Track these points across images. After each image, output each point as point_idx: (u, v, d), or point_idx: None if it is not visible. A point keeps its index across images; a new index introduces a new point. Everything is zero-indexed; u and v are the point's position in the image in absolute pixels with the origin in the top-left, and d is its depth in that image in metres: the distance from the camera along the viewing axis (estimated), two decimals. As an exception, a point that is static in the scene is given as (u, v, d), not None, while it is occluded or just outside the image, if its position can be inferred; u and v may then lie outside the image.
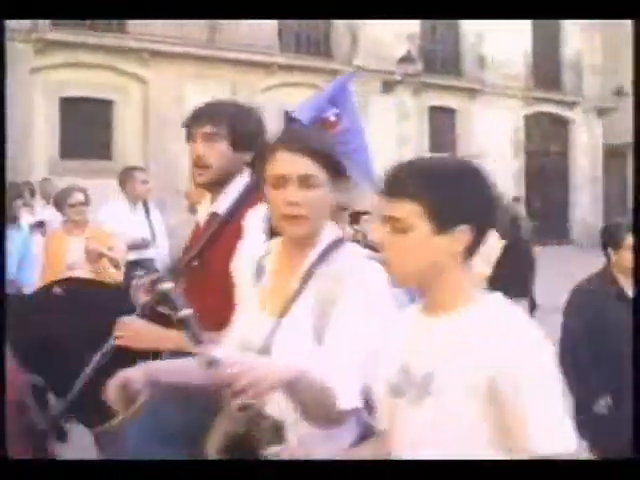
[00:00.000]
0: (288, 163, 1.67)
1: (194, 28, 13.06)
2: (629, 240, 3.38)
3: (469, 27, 17.70)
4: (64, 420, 2.87)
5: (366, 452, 2.14)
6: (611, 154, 21.62)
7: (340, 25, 15.61)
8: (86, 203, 4.77)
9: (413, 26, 16.71)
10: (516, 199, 15.52)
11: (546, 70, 19.42)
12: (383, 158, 12.17)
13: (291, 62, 14.95)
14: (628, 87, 19.97)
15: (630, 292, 3.41)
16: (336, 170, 1.76)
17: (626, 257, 3.35)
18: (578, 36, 19.97)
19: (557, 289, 11.11)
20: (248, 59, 14.31)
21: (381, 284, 1.70)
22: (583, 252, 16.29)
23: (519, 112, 18.92)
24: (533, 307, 5.49)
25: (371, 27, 15.94)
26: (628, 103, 19.94)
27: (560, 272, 13.74)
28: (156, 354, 2.38)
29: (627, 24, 18.19)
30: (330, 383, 1.66)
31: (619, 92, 20.03)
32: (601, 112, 20.54)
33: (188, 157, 2.27)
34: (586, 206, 19.93)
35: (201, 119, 2.21)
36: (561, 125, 20.25)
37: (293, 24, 15.25)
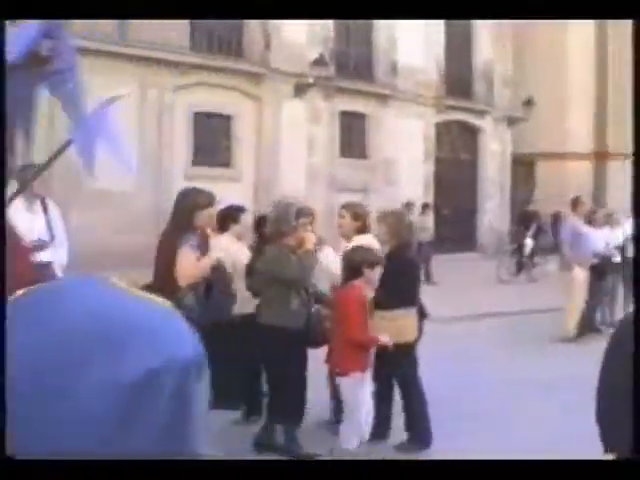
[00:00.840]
0: None
1: (105, 24, 14.33)
2: None
3: (383, 32, 19.25)
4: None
5: None
6: (519, 163, 24.03)
7: (253, 26, 16.65)
8: None
9: (327, 29, 18.12)
10: (425, 206, 17.57)
11: (458, 79, 21.29)
12: (293, 161, 14.81)
13: (203, 62, 15.90)
14: (537, 97, 22.90)
15: None
16: None
17: None
18: (490, 46, 22.02)
19: (458, 298, 13.27)
20: (159, 57, 15.15)
21: None
22: (488, 259, 18.74)
23: (430, 119, 20.65)
24: (423, 316, 5.79)
25: (285, 29, 17.30)
26: (537, 113, 22.80)
27: (466, 280, 15.99)
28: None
29: (534, 37, 21.09)
30: None
31: (529, 102, 22.61)
32: (511, 121, 22.65)
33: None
34: (494, 214, 21.99)
35: None
36: (471, 133, 22.20)
37: (206, 23, 16.25)
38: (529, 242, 17.33)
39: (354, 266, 5.04)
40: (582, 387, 6.65)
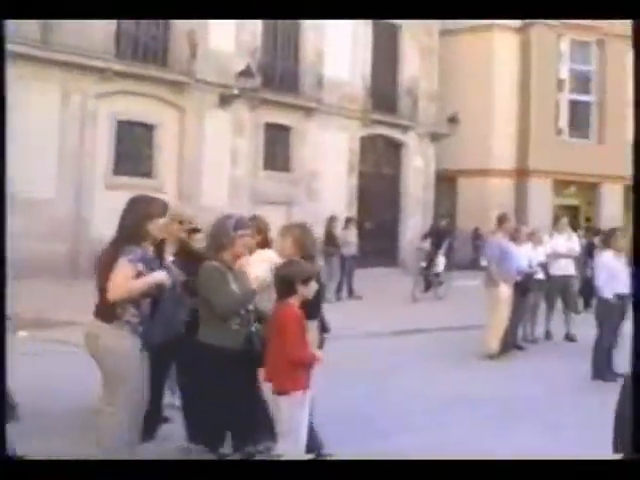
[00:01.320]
0: None
1: (29, 27, 15.10)
2: None
3: (310, 45, 20.76)
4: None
5: None
6: (442, 179, 25.83)
7: (179, 34, 17.79)
8: None
9: (254, 40, 19.41)
10: (349, 220, 18.61)
11: (384, 93, 22.90)
12: (216, 173, 16.38)
13: (127, 69, 16.87)
14: (461, 114, 24.72)
15: None
16: None
17: None
18: (416, 62, 23.84)
19: (382, 313, 14.36)
20: (82, 63, 16.08)
21: None
22: (409, 274, 18.78)
23: (355, 133, 22.20)
24: (324, 329, 5.96)
25: (212, 39, 18.55)
26: (460, 129, 24.69)
27: (389, 295, 16.53)
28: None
29: (460, 53, 22.95)
30: None
31: (453, 119, 24.58)
32: (435, 137, 24.43)
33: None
34: (416, 229, 23.28)
35: None
36: (395, 148, 23.83)
37: (131, 29, 17.17)
38: (442, 259, 17.68)
39: (287, 282, 5.14)
40: (503, 404, 7.73)
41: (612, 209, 27.43)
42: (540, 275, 12.10)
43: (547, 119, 27.12)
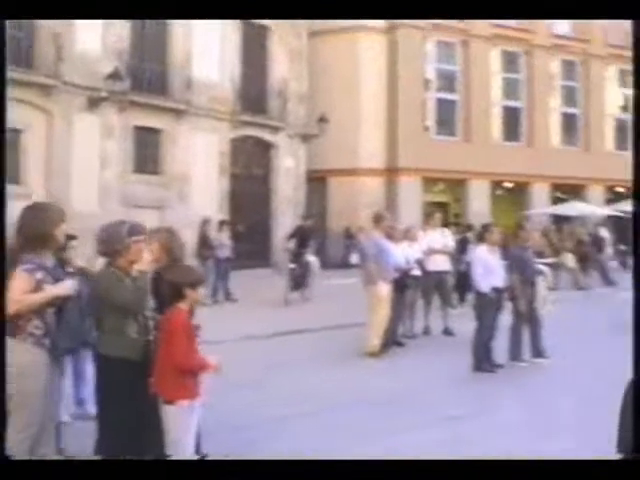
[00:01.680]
0: None
1: None
2: None
3: (178, 47, 21.84)
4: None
5: None
6: (313, 179, 27.11)
7: (45, 36, 18.41)
8: None
9: (121, 42, 20.26)
10: (222, 222, 19.05)
11: (253, 95, 24.25)
12: (85, 177, 17.54)
13: None
14: (330, 114, 26.36)
15: None
16: None
17: None
18: (285, 63, 25.30)
19: (259, 315, 15.27)
20: None
21: None
22: (281, 275, 18.98)
23: (226, 135, 23.40)
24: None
25: (78, 40, 19.10)
26: (330, 130, 26.29)
27: (264, 297, 16.98)
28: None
29: (328, 54, 24.59)
30: None
31: (322, 119, 26.16)
32: (305, 138, 25.97)
33: None
34: (287, 229, 24.78)
35: None
36: (266, 149, 25.20)
37: None
38: (311, 259, 18.01)
39: (175, 287, 5.23)
40: (387, 401, 8.30)
41: (480, 205, 29.80)
42: (417, 272, 12.65)
43: (414, 118, 29.11)
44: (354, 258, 26.96)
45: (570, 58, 33.17)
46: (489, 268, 10.39)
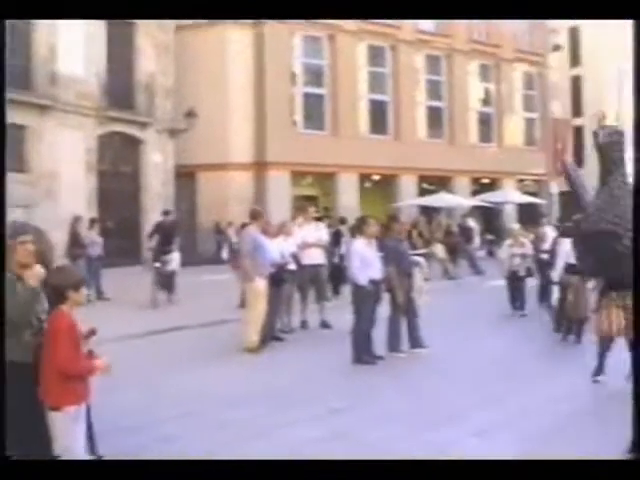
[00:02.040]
0: None
1: None
2: None
3: (42, 42, 22.58)
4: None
5: None
6: (182, 174, 28.24)
7: None
8: None
9: None
10: (93, 220, 19.52)
11: (120, 90, 25.17)
12: None
13: None
14: (198, 109, 27.54)
15: None
16: None
17: None
18: (152, 58, 26.39)
19: (132, 314, 15.82)
20: None
21: None
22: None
23: (92, 131, 24.32)
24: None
25: None
26: (198, 125, 27.55)
27: (137, 295, 16.88)
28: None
29: (196, 48, 25.82)
30: None
31: (190, 114, 27.39)
32: (173, 133, 27.12)
33: None
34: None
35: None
36: (133, 145, 26.18)
37: None
38: (175, 256, 17.61)
39: (58, 290, 5.27)
40: (269, 397, 8.57)
41: (348, 198, 31.74)
42: (292, 266, 12.99)
43: (282, 112, 30.72)
44: (225, 253, 28.57)
45: (434, 53, 35.55)
46: (366, 261, 10.67)
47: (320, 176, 32.53)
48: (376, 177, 34.29)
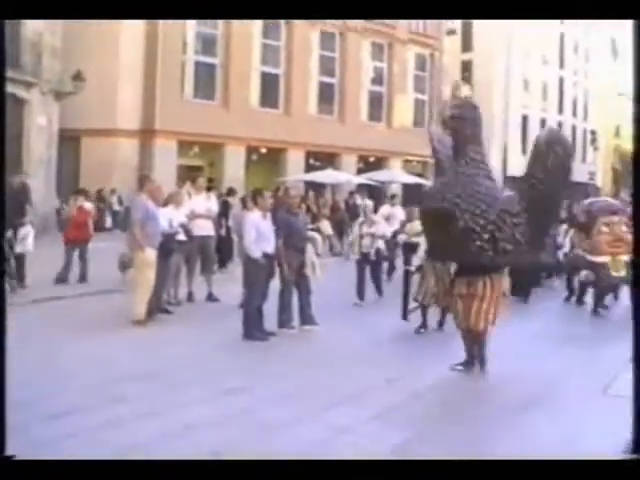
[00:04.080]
0: None
1: None
2: None
3: None
4: None
5: None
6: (67, 138, 28.41)
7: None
8: None
9: None
10: None
11: (5, 48, 25.59)
12: None
13: None
14: (87, 72, 27.72)
15: None
16: None
17: None
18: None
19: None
20: None
21: None
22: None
23: (-26, 89, 24.74)
24: None
25: None
26: (86, 88, 27.70)
27: None
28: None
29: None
30: None
31: (77, 76, 27.52)
32: (58, 95, 27.10)
33: None
34: (39, 190, 25.54)
35: None
36: (18, 106, 25.91)
37: None
38: (28, 232, 14.63)
39: None
40: (160, 372, 8.46)
41: (235, 170, 32.60)
42: (181, 236, 12.88)
43: (173, 80, 31.29)
44: (108, 222, 29.10)
45: (329, 30, 36.63)
46: (261, 234, 10.78)
47: (207, 146, 33.27)
48: (264, 150, 35.17)
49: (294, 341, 10.85)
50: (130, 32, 30.40)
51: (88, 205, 16.51)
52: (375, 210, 18.25)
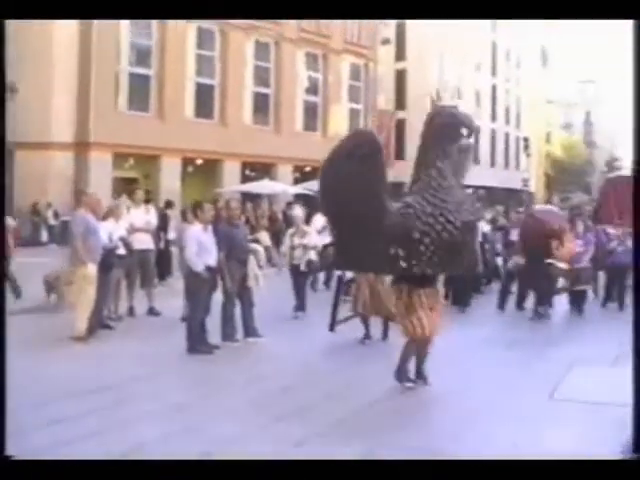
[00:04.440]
0: None
1: None
2: None
3: None
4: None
5: None
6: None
7: None
8: None
9: None
10: None
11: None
12: None
13: None
14: (20, 84, 27.44)
15: None
16: None
17: None
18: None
19: None
20: None
21: None
22: None
23: None
24: None
25: None
26: (19, 100, 27.45)
27: None
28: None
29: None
30: None
31: (11, 89, 27.23)
32: None
33: None
34: None
35: None
36: None
37: None
38: None
39: None
40: (106, 391, 8.32)
41: (171, 181, 32.65)
42: (121, 250, 12.75)
43: (107, 92, 31.20)
44: (44, 236, 28.94)
45: (264, 39, 36.92)
46: (203, 246, 10.75)
47: (143, 158, 33.25)
48: (199, 161, 35.31)
49: (240, 354, 10.83)
50: (64, 42, 30.34)
51: (9, 220, 15.74)
52: (308, 220, 18.08)
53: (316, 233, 14.89)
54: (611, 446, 6.27)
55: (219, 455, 5.76)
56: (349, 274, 12.14)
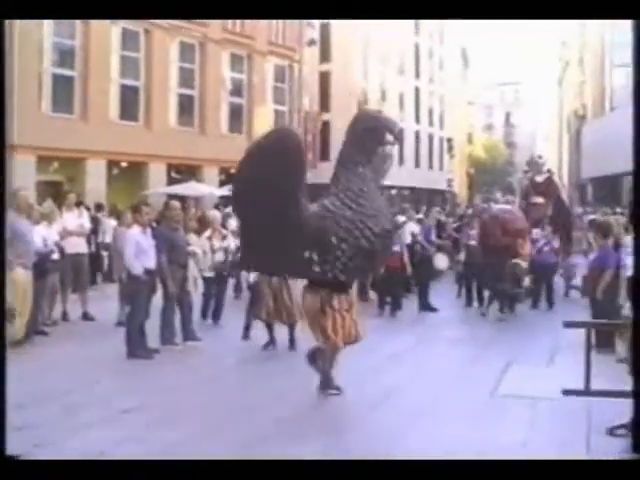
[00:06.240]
0: None
1: None
2: None
3: None
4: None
5: None
6: None
7: None
8: None
9: None
10: None
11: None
12: None
13: None
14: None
15: None
16: None
17: None
18: None
19: None
20: None
21: None
22: None
23: None
24: None
25: None
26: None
27: None
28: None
29: None
30: None
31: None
32: None
33: None
34: None
35: None
36: None
37: None
38: None
39: None
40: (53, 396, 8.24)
41: (96, 184, 32.62)
42: (55, 255, 12.76)
43: (29, 93, 31.02)
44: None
45: (188, 41, 37.21)
46: (142, 249, 10.80)
47: (67, 161, 33.21)
48: (124, 164, 35.45)
49: (180, 358, 10.94)
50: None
51: None
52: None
53: (232, 235, 14.65)
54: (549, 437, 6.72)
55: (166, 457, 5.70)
56: (252, 277, 12.20)
